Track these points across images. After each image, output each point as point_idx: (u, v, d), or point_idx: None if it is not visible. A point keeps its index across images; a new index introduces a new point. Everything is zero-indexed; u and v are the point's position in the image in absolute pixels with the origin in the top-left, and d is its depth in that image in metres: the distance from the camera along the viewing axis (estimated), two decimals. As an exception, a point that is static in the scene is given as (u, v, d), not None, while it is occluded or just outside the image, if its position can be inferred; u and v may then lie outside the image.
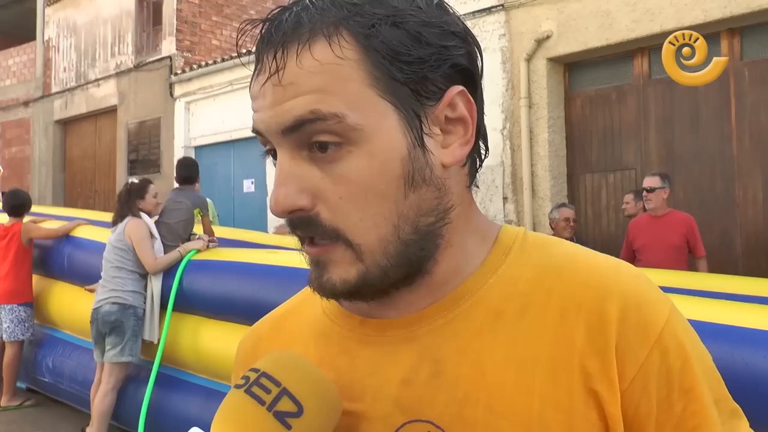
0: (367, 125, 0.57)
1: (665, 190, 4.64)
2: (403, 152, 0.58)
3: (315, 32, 0.57)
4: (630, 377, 0.56)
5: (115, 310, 4.12)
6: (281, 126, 0.57)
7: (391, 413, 0.60)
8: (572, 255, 0.63)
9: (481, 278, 0.63)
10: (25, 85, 14.36)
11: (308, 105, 0.56)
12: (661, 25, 5.68)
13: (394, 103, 0.58)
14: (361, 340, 0.65)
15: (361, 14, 0.57)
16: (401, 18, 0.57)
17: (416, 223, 0.59)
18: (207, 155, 10.64)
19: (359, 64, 0.56)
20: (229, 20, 12.23)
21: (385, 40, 0.57)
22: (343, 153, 0.57)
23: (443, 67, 0.59)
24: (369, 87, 0.57)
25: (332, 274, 0.60)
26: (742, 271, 5.20)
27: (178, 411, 3.96)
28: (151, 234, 4.34)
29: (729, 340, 1.88)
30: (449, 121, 0.61)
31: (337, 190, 0.57)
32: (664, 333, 0.57)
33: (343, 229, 0.58)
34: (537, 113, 6.52)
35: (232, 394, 0.58)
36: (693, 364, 0.58)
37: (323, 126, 0.56)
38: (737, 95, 5.67)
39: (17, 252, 5.26)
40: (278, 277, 3.64)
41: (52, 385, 5.12)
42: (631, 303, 0.58)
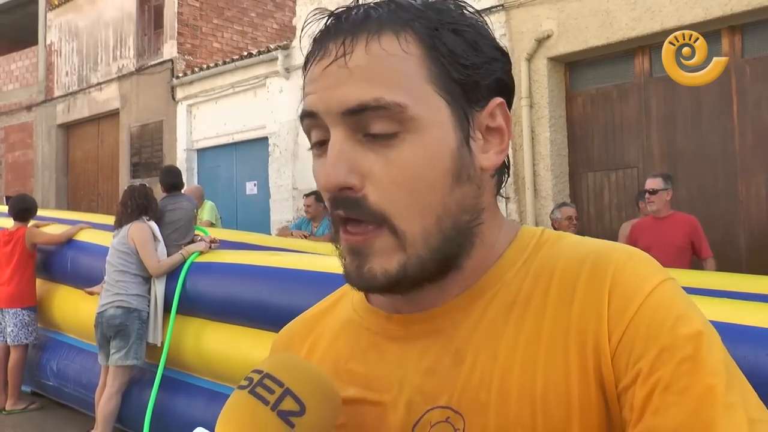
0: (424, 117, 0.60)
1: (668, 191, 4.59)
2: (453, 147, 0.62)
3: (383, 26, 0.61)
4: (617, 340, 0.56)
5: (120, 314, 4.13)
6: (343, 107, 0.60)
7: (416, 401, 0.63)
8: (575, 242, 0.67)
9: (500, 273, 0.66)
10: (28, 89, 14.40)
11: (373, 91, 0.59)
12: (661, 24, 5.68)
13: (448, 100, 0.62)
14: (388, 335, 0.68)
15: (425, 18, 0.62)
16: (460, 27, 0.63)
17: (457, 219, 0.62)
18: (209, 158, 10.66)
19: (421, 61, 0.60)
20: (230, 23, 12.24)
21: (447, 42, 0.61)
22: (398, 140, 0.60)
23: (492, 76, 0.64)
24: (428, 83, 0.61)
25: (374, 264, 0.61)
26: (746, 268, 5.19)
27: (183, 413, 3.97)
28: (154, 237, 4.35)
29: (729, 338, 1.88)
30: (489, 130, 0.65)
31: (389, 173, 0.59)
32: (654, 293, 0.57)
33: (390, 214, 0.60)
34: (538, 113, 6.51)
35: (236, 395, 0.60)
36: (687, 321, 0.56)
37: (384, 113, 0.59)
38: (739, 92, 5.66)
39: (21, 256, 5.28)
40: (281, 279, 3.65)
41: (56, 389, 5.14)
42: (623, 269, 0.59)
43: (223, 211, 8.42)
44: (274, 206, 9.22)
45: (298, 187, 8.72)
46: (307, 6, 8.78)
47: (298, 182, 8.83)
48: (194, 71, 10.56)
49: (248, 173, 9.99)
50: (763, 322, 2.02)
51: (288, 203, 8.98)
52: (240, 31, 12.36)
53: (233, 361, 3.75)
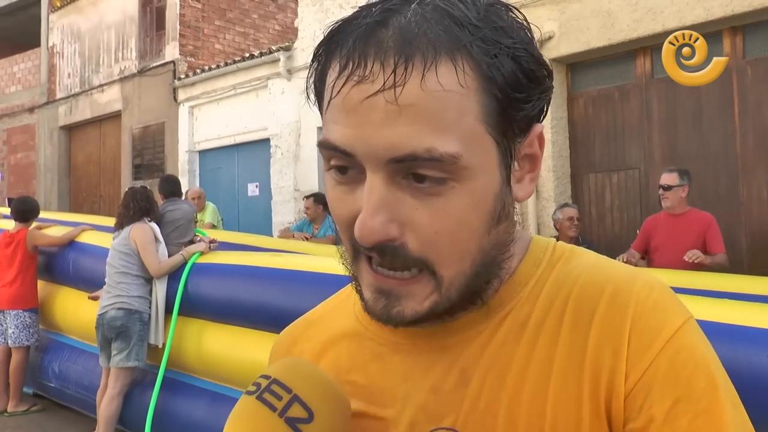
0: (475, 164, 0.54)
1: (683, 188, 4.37)
2: (497, 189, 0.57)
3: (439, 50, 0.51)
4: (634, 380, 0.55)
5: (121, 316, 4.14)
6: (390, 155, 0.52)
7: (419, 420, 0.61)
8: (591, 265, 0.63)
9: (512, 291, 0.63)
10: (30, 91, 14.43)
11: (425, 140, 0.51)
12: (663, 24, 5.68)
13: (497, 140, 0.55)
14: (393, 347, 0.66)
15: (484, 40, 0.53)
16: (519, 51, 0.54)
17: (488, 256, 0.59)
18: (211, 159, 10.67)
19: (477, 96, 0.53)
20: (232, 24, 12.26)
21: (506, 73, 0.53)
22: (446, 188, 0.54)
23: (541, 106, 0.58)
24: (481, 122, 0.54)
25: (405, 307, 0.57)
26: (747, 269, 5.18)
27: (184, 415, 3.97)
28: (155, 238, 4.36)
29: (730, 339, 1.88)
30: (524, 157, 0.60)
31: (433, 223, 0.54)
32: (675, 338, 0.55)
33: (431, 261, 0.56)
34: (540, 114, 6.50)
35: (244, 401, 0.59)
36: (705, 374, 0.55)
37: (435, 164, 0.52)
38: (740, 93, 5.66)
39: (23, 258, 5.29)
40: (282, 280, 3.65)
41: (58, 390, 5.14)
42: (644, 307, 0.57)
43: (224, 212, 8.43)
44: (275, 208, 9.23)
45: (300, 189, 8.72)
46: (308, 8, 8.78)
47: (300, 184, 8.84)
48: (196, 73, 10.57)
49: (250, 175, 10.00)
50: (764, 323, 2.02)
51: (289, 205, 8.98)
52: (242, 32, 12.38)
53: (235, 363, 3.75)
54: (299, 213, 8.31)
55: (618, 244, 5.79)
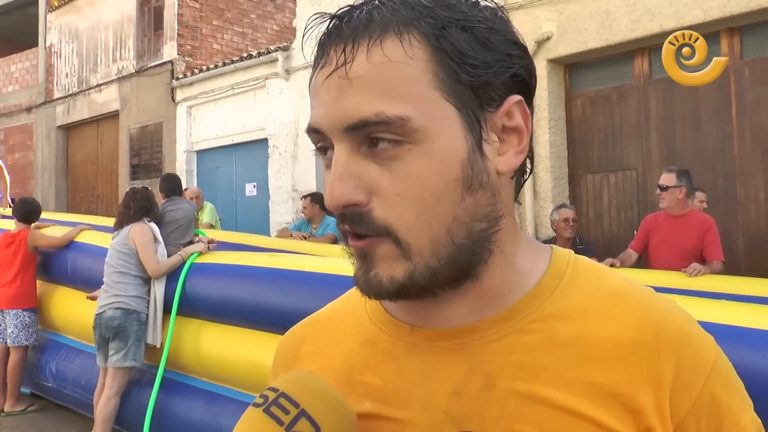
0: (430, 127, 0.57)
1: (680, 189, 4.32)
2: (463, 155, 0.58)
3: (386, 29, 0.57)
4: (685, 411, 0.59)
5: (119, 315, 4.13)
6: (344, 123, 0.57)
7: (441, 423, 0.61)
8: (625, 289, 0.64)
9: (537, 299, 0.63)
10: (28, 91, 14.41)
11: (374, 105, 0.56)
12: (660, 25, 5.69)
13: (457, 105, 0.58)
14: (409, 348, 0.65)
15: (432, 16, 0.58)
16: (470, 23, 0.58)
17: (470, 228, 0.59)
18: (209, 159, 10.67)
19: (427, 65, 0.57)
20: (230, 24, 12.26)
21: (455, 42, 0.57)
22: (403, 151, 0.57)
23: (506, 74, 0.59)
24: (435, 89, 0.57)
25: (380, 269, 0.59)
26: (744, 270, 5.19)
27: (181, 415, 3.97)
28: (155, 238, 4.36)
29: (728, 340, 1.88)
30: (505, 129, 0.61)
31: (395, 187, 0.57)
32: (714, 368, 0.61)
33: (394, 226, 0.58)
34: (538, 114, 6.52)
35: (251, 413, 0.59)
36: (738, 397, 0.62)
37: (386, 129, 0.56)
38: (738, 94, 5.67)
39: (23, 258, 5.30)
40: (280, 280, 3.65)
41: (55, 390, 5.14)
42: (685, 342, 0.61)
43: (222, 212, 8.43)
44: (273, 208, 9.22)
45: (298, 189, 8.73)
46: (307, 8, 8.79)
47: (298, 184, 8.84)
48: (194, 73, 10.57)
49: (248, 175, 10.00)
50: (761, 324, 2.02)
51: (287, 205, 8.98)
52: (240, 32, 12.38)
53: (233, 363, 3.75)
54: (297, 213, 8.31)
55: (615, 245, 5.80)
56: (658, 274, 4.00)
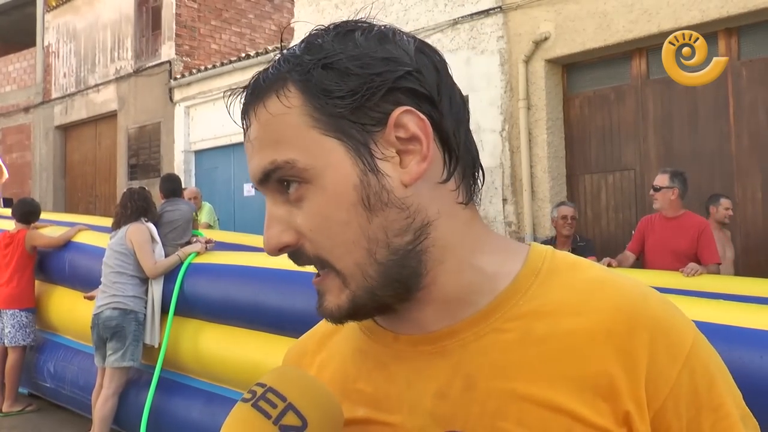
0: (316, 164, 0.61)
1: (673, 190, 4.33)
2: (354, 181, 0.61)
3: (269, 90, 0.63)
4: (662, 398, 0.59)
5: (116, 316, 4.13)
6: (256, 178, 0.65)
7: (428, 425, 0.63)
8: (601, 279, 0.65)
9: (512, 297, 0.65)
10: (26, 91, 14.39)
11: (268, 157, 0.62)
12: (658, 26, 5.70)
13: (338, 137, 0.61)
14: (395, 355, 0.68)
15: (300, 64, 0.63)
16: (330, 58, 0.62)
17: (389, 244, 0.62)
18: (207, 159, 10.66)
19: (302, 109, 0.62)
20: (228, 24, 12.25)
21: (317, 82, 0.61)
22: (304, 190, 0.62)
23: (378, 94, 0.61)
24: (312, 128, 0.62)
25: (327, 302, 0.64)
26: (741, 270, 5.20)
27: (179, 415, 3.97)
28: (152, 239, 4.36)
29: (725, 340, 1.89)
30: (403, 141, 0.62)
31: (307, 224, 0.62)
32: (690, 355, 0.60)
33: (324, 257, 0.63)
34: (536, 114, 6.53)
35: (240, 407, 0.60)
36: (718, 383, 0.61)
37: (282, 173, 0.62)
38: (735, 94, 5.68)
39: (20, 258, 5.30)
40: (278, 280, 3.65)
41: (53, 390, 5.13)
42: (660, 328, 0.61)
43: (220, 212, 8.42)
44: (271, 208, 9.21)
45: (296, 189, 8.72)
46: (305, 8, 8.78)
47: (296, 184, 8.83)
48: (192, 73, 10.56)
49: (246, 175, 9.94)
50: (758, 324, 2.03)
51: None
52: (238, 32, 12.37)
53: (231, 363, 3.75)
54: (295, 213, 8.31)
55: (613, 245, 5.81)
56: (655, 275, 4.01)
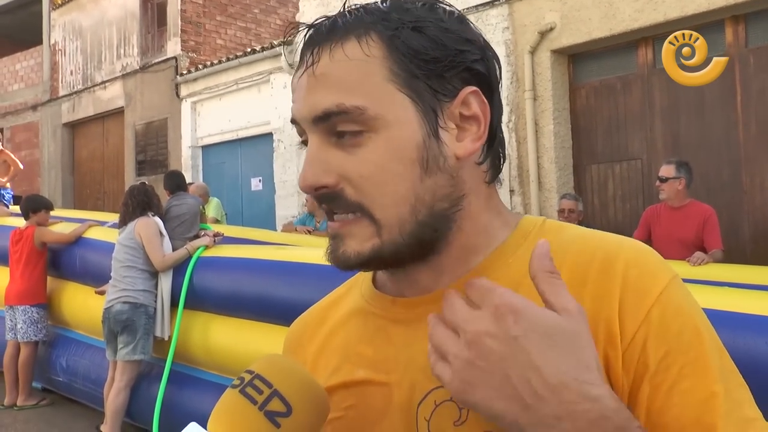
0: (385, 115, 0.63)
1: (680, 180, 4.34)
2: (418, 140, 0.64)
3: (348, 33, 0.65)
4: (630, 336, 0.60)
5: (127, 309, 4.17)
6: (312, 115, 0.65)
7: (421, 381, 0.66)
8: (581, 234, 0.69)
9: (502, 257, 0.69)
10: (33, 89, 14.46)
11: (335, 98, 0.63)
12: (664, 14, 5.67)
13: (411, 96, 0.64)
14: (393, 318, 0.71)
15: (387, 20, 0.65)
16: (422, 24, 0.65)
17: (432, 207, 0.65)
18: (214, 154, 10.70)
19: (383, 61, 0.64)
20: (233, 19, 12.26)
21: (407, 41, 0.64)
22: (364, 138, 0.64)
23: (458, 68, 0.65)
24: (390, 82, 0.64)
25: (348, 246, 0.66)
26: (749, 258, 5.19)
27: (190, 407, 4.00)
28: (160, 232, 4.40)
29: (730, 326, 1.89)
30: (464, 118, 0.67)
31: (359, 169, 0.64)
32: (663, 295, 0.61)
33: (367, 204, 0.64)
34: (542, 105, 6.52)
35: (228, 394, 0.63)
36: (692, 327, 0.61)
37: (347, 117, 0.63)
38: (743, 82, 5.65)
39: (30, 254, 5.34)
40: (286, 272, 3.68)
41: (66, 384, 5.19)
42: (632, 268, 0.62)
43: (228, 207, 8.45)
44: (279, 202, 9.25)
45: (303, 183, 8.73)
46: (310, 1, 8.78)
47: (303, 178, 8.84)
48: (198, 68, 10.59)
49: (253, 169, 10.02)
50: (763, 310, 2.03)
51: (293, 199, 9.01)
52: (243, 27, 12.38)
53: (240, 355, 3.78)
54: (303, 207, 8.34)
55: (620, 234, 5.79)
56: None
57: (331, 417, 0.68)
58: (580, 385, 0.51)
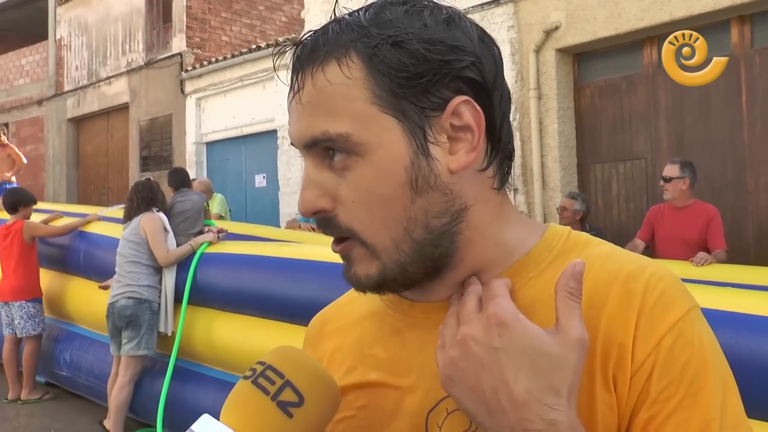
0: (371, 140, 0.62)
1: (684, 180, 4.33)
2: (406, 162, 0.63)
3: (328, 55, 0.63)
4: (639, 362, 0.59)
5: (131, 305, 4.19)
6: (302, 142, 0.65)
7: (434, 387, 0.65)
8: (606, 254, 0.67)
9: (522, 270, 0.67)
10: (38, 84, 14.50)
11: (320, 126, 0.63)
12: (670, 14, 5.66)
13: (396, 116, 0.63)
14: (410, 322, 0.71)
15: (367, 36, 0.63)
16: (402, 37, 0.62)
17: (427, 224, 0.64)
18: (218, 151, 10.71)
19: (364, 83, 0.62)
20: (239, 16, 12.27)
21: (386, 59, 0.62)
22: (352, 162, 0.63)
23: (444, 79, 0.63)
24: (372, 104, 0.62)
25: (357, 268, 0.66)
26: (753, 259, 5.18)
27: (194, 403, 4.02)
28: (164, 228, 4.41)
29: (733, 327, 1.90)
30: (456, 129, 0.64)
31: (350, 194, 0.64)
32: (677, 325, 0.60)
33: (357, 230, 0.64)
34: (546, 104, 6.51)
35: (240, 384, 0.63)
36: (700, 361, 0.60)
37: (332, 144, 0.63)
38: (748, 82, 5.64)
39: (21, 249, 5.33)
40: (290, 269, 3.69)
41: (69, 379, 5.21)
42: (651, 293, 0.61)
43: (232, 204, 8.47)
44: (283, 199, 9.26)
45: (307, 180, 8.74)
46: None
47: (307, 175, 8.85)
48: (203, 65, 10.60)
49: (257, 166, 10.03)
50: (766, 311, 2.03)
51: (297, 196, 8.95)
52: (248, 24, 12.39)
53: (243, 351, 3.79)
54: (306, 204, 8.33)
55: (624, 234, 5.79)
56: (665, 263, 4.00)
57: (343, 415, 0.70)
58: (540, 407, 0.55)
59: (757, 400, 1.59)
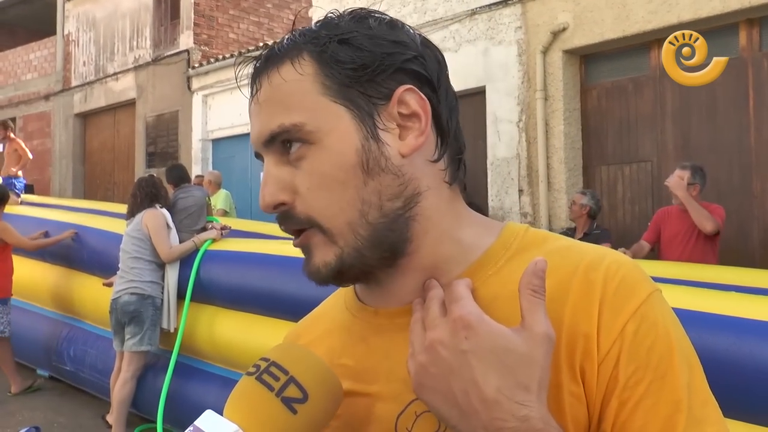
0: (322, 127, 0.66)
1: (694, 186, 4.34)
2: (357, 144, 0.66)
3: (283, 57, 0.69)
4: (605, 351, 0.60)
5: (134, 301, 4.20)
6: (261, 139, 0.69)
7: (402, 392, 0.66)
8: (565, 248, 0.68)
9: (479, 269, 0.68)
10: (46, 79, 14.55)
11: (277, 120, 0.67)
12: (678, 16, 5.64)
13: (346, 105, 0.66)
14: (375, 329, 0.72)
15: (317, 38, 0.68)
16: (348, 36, 0.67)
17: (381, 207, 0.66)
18: (224, 148, 10.73)
19: (315, 77, 0.67)
20: (246, 14, 12.28)
21: (333, 54, 0.67)
22: (306, 151, 0.66)
23: (388, 70, 0.67)
24: (323, 95, 0.67)
25: (315, 258, 0.67)
26: (759, 263, 5.16)
27: (195, 399, 4.03)
28: (167, 224, 4.42)
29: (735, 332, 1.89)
30: (405, 117, 0.68)
31: (304, 182, 0.66)
32: (639, 310, 0.61)
33: (314, 216, 0.66)
34: (553, 105, 6.50)
35: (244, 381, 0.64)
36: (664, 343, 0.61)
37: (288, 135, 0.66)
38: (755, 86, 5.61)
39: None
40: (293, 267, 3.68)
41: (73, 374, 5.23)
42: (611, 281, 0.62)
43: (237, 201, 8.48)
44: (287, 197, 9.26)
45: (312, 178, 8.75)
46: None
47: (312, 173, 8.86)
48: (210, 62, 10.62)
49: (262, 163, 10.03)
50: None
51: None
52: (256, 22, 12.40)
53: (246, 348, 3.80)
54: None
55: (629, 236, 5.78)
56: (668, 266, 4.00)
57: None
58: (511, 405, 0.55)
59: (759, 405, 1.59)
